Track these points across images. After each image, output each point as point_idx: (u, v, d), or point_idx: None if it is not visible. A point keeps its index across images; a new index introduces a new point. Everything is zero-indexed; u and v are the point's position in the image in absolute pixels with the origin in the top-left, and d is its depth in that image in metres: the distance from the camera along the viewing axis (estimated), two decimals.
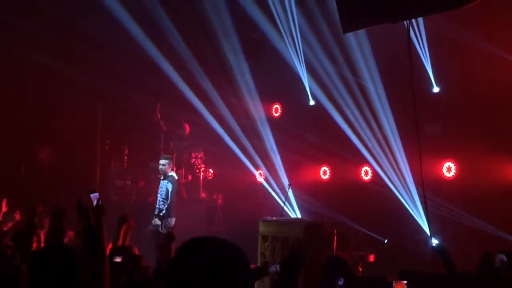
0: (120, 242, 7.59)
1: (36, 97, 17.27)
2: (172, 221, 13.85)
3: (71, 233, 10.09)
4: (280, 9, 16.49)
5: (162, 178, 14.20)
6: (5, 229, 9.79)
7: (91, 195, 5.99)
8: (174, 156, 16.66)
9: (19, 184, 15.96)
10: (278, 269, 7.71)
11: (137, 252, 8.00)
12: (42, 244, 8.58)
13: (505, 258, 7.05)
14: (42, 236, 8.84)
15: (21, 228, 8.05)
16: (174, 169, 15.04)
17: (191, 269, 2.63)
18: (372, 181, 15.81)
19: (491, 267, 6.88)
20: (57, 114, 17.56)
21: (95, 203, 5.86)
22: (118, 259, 6.83)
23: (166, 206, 13.88)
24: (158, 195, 14.11)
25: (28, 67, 16.85)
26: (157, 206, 14.07)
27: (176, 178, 14.30)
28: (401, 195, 14.56)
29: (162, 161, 14.15)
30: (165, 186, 13.91)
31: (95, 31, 16.88)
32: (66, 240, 8.51)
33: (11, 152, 16.99)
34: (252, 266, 10.62)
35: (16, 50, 16.35)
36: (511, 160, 13.26)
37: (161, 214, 13.91)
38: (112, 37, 16.86)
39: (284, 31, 16.49)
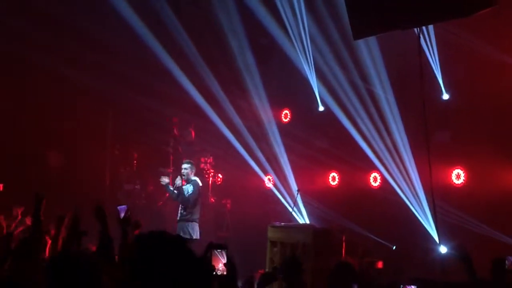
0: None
1: (47, 102, 17.33)
2: (194, 226, 13.68)
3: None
4: (290, 14, 16.50)
5: (185, 183, 13.94)
6: (15, 233, 9.81)
7: (119, 208, 6.06)
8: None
9: (29, 189, 15.98)
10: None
11: None
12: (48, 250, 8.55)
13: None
14: (49, 242, 8.78)
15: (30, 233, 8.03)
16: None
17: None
18: (381, 187, 15.78)
19: (504, 272, 6.89)
20: (67, 119, 17.60)
21: (122, 215, 5.93)
22: None
23: (182, 209, 13.75)
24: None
25: (39, 72, 16.90)
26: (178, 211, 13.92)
27: (200, 183, 14.13)
28: (409, 201, 14.53)
29: (184, 165, 14.00)
30: (186, 190, 13.77)
31: (106, 37, 16.98)
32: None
33: (21, 157, 17.03)
34: (261, 271, 10.65)
35: (28, 55, 16.41)
36: None
37: (179, 218, 13.77)
38: (123, 43, 16.95)
39: (294, 36, 16.50)
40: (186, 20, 17.40)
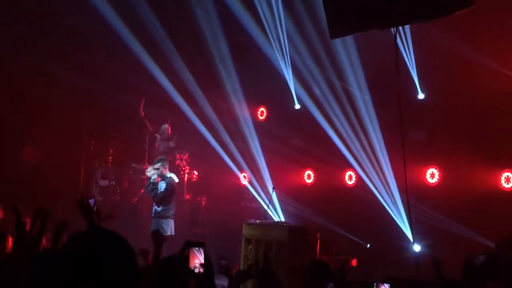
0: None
1: (21, 97, 17.20)
2: (169, 223, 13.71)
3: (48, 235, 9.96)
4: (267, 13, 16.52)
5: (161, 179, 14.02)
6: None
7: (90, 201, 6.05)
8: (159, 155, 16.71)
9: (2, 185, 15.87)
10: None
11: None
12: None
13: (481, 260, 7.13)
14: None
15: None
16: None
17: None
18: (356, 185, 15.87)
19: (474, 270, 6.95)
20: (42, 114, 17.48)
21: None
22: None
23: (156, 206, 13.81)
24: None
25: (13, 67, 16.77)
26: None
27: (175, 180, 14.13)
28: (384, 200, 14.62)
29: (156, 165, 14.05)
30: (160, 187, 13.80)
31: (82, 33, 16.88)
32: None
33: None
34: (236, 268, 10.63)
35: (1, 50, 16.27)
36: (494, 167, 13.36)
37: (154, 214, 13.79)
38: (99, 38, 16.86)
39: (271, 35, 16.53)
40: (164, 17, 17.34)
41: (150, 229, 12.96)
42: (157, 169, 13.98)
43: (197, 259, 5.79)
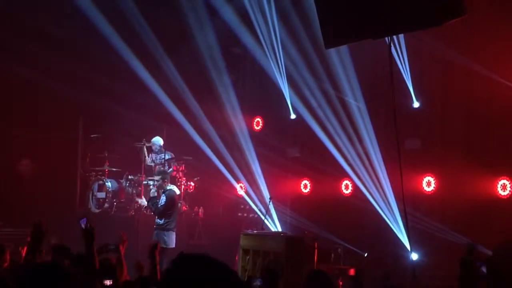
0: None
1: (16, 109, 17.20)
2: (170, 235, 13.75)
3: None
4: (262, 24, 16.57)
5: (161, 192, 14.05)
6: None
7: (80, 221, 6.05)
8: (156, 169, 16.71)
9: None
10: (261, 283, 7.77)
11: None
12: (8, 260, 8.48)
13: (483, 268, 7.16)
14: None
15: None
16: None
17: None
18: (352, 195, 15.87)
19: (470, 272, 6.98)
20: (37, 127, 17.46)
21: (83, 226, 5.94)
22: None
23: (157, 219, 13.86)
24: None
25: (8, 79, 16.76)
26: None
27: (176, 192, 14.20)
28: (381, 209, 14.62)
29: (156, 178, 14.36)
30: (160, 201, 13.81)
31: (77, 44, 16.90)
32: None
33: None
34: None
35: None
36: (490, 175, 13.36)
37: (155, 226, 13.90)
38: (94, 50, 16.86)
39: (266, 45, 16.57)
40: (159, 28, 17.36)
41: (151, 241, 13.03)
42: (157, 181, 14.13)
43: None
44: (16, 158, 17.96)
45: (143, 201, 14.90)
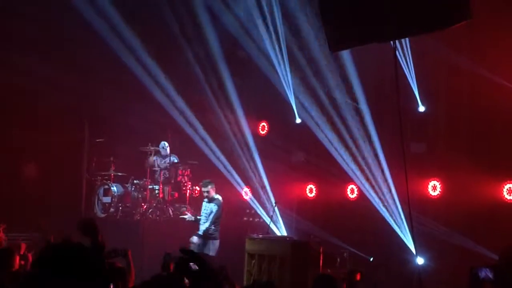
0: None
1: (22, 113, 17.22)
2: (216, 243, 14.42)
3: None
4: (266, 27, 16.57)
5: (207, 200, 14.72)
6: None
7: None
8: (161, 173, 16.73)
9: (5, 201, 15.86)
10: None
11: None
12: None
13: (489, 273, 7.12)
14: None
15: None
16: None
17: None
18: (358, 199, 15.84)
19: (479, 283, 6.95)
20: (43, 131, 17.47)
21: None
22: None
23: (208, 227, 14.36)
24: (204, 216, 14.63)
25: (13, 83, 16.77)
26: (200, 226, 14.54)
27: (221, 200, 14.79)
28: (387, 213, 14.59)
29: (204, 189, 14.77)
30: (210, 209, 14.49)
31: (82, 52, 16.94)
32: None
33: None
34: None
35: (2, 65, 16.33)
36: (496, 179, 13.33)
37: (201, 233, 14.40)
38: (100, 54, 16.89)
39: (271, 49, 16.56)
40: (163, 33, 17.41)
41: (195, 248, 13.71)
42: (207, 192, 14.60)
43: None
44: (22, 162, 17.97)
45: (190, 217, 15.28)
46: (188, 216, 15.37)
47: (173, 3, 17.34)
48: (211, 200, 14.60)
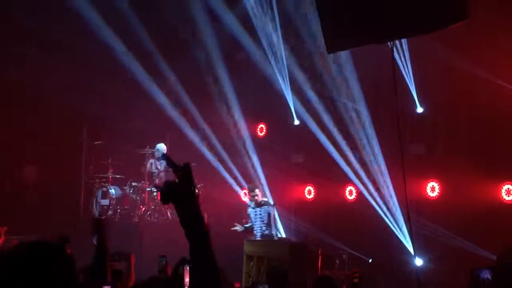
0: None
1: (20, 116, 17.20)
2: None
3: None
4: (265, 29, 16.57)
5: (253, 205, 13.98)
6: None
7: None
8: (159, 174, 16.70)
9: (4, 203, 15.85)
10: None
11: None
12: None
13: (489, 275, 7.10)
14: None
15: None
16: None
17: None
18: (356, 200, 15.84)
19: (480, 285, 6.93)
20: (41, 134, 17.46)
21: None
22: None
23: (273, 230, 13.81)
24: (259, 222, 13.85)
25: (13, 85, 16.78)
26: (260, 233, 13.82)
27: (273, 202, 14.46)
28: (385, 214, 14.59)
29: (252, 193, 14.07)
30: (266, 212, 13.72)
31: (80, 52, 16.93)
32: None
33: None
34: (237, 285, 10.62)
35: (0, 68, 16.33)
36: (494, 180, 13.34)
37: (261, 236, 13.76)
38: (98, 57, 16.89)
39: (269, 51, 16.57)
40: (162, 35, 17.41)
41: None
42: (256, 195, 13.94)
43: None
44: (20, 165, 17.96)
45: (241, 227, 14.40)
46: (239, 227, 14.72)
47: (171, 3, 17.35)
48: (260, 204, 13.92)
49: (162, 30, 17.49)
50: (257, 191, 14.07)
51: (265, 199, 14.22)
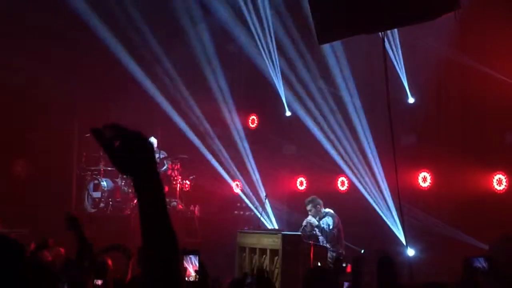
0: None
1: (10, 109, 17.12)
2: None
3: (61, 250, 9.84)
4: (256, 21, 16.55)
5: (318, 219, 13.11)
6: None
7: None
8: None
9: None
10: (253, 280, 7.76)
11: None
12: None
13: (484, 264, 7.12)
14: None
15: None
16: None
17: None
18: (348, 191, 15.86)
19: (473, 274, 6.95)
20: (32, 127, 17.41)
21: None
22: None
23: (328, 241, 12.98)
24: (320, 238, 13.12)
25: (2, 79, 16.70)
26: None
27: (335, 215, 13.20)
28: (377, 205, 14.63)
29: (308, 207, 13.25)
30: (326, 223, 12.99)
31: (73, 44, 16.87)
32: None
33: None
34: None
35: None
36: (486, 170, 13.38)
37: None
38: (88, 48, 16.84)
39: (261, 42, 16.55)
40: (153, 26, 17.34)
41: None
42: (309, 210, 13.19)
43: (192, 268, 5.80)
44: (11, 158, 17.89)
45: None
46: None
47: None
48: (323, 216, 13.15)
49: (154, 22, 17.41)
50: (310, 206, 13.24)
51: (326, 211, 13.29)
